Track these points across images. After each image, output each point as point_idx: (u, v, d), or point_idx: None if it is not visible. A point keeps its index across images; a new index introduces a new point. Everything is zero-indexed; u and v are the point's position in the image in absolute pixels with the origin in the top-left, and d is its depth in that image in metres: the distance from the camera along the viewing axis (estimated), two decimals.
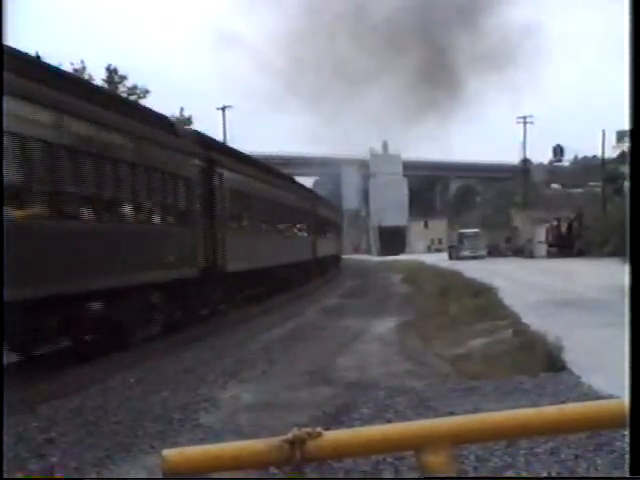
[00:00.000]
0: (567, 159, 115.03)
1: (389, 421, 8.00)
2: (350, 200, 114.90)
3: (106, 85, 48.67)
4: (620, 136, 64.53)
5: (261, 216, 27.55)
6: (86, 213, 13.97)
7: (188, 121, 53.07)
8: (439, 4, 44.08)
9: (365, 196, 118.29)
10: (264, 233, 28.04)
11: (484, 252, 66.71)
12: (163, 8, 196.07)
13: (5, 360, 11.57)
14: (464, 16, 43.77)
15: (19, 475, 7.11)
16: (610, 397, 6.56)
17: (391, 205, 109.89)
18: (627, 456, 2.39)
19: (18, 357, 13.55)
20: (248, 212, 25.69)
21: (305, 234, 39.09)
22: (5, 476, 4.95)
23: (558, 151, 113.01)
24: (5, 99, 9.57)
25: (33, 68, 13.27)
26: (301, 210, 37.95)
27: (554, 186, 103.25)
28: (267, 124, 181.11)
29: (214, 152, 22.18)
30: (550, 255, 59.33)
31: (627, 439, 2.34)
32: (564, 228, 61.48)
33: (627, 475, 2.38)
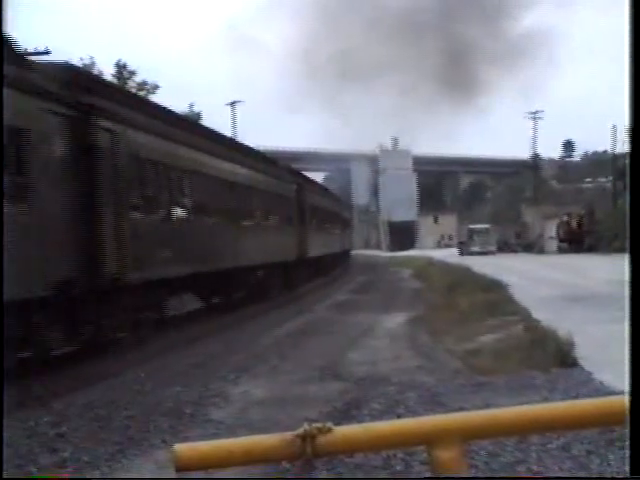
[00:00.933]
0: (577, 154, 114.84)
1: (399, 416, 8.00)
2: (360, 195, 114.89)
3: (116, 80, 48.73)
4: None
5: (321, 220, 39.26)
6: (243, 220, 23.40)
7: (198, 117, 53.04)
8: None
9: (375, 191, 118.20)
10: (323, 231, 39.72)
11: (494, 248, 66.61)
12: (172, 3, 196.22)
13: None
14: (484, 17, 43.84)
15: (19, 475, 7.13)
16: (622, 393, 6.52)
17: (401, 200, 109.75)
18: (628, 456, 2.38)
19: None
20: (316, 218, 36.94)
21: (337, 231, 48.43)
22: (5, 476, 4.98)
23: (568, 146, 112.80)
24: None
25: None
26: (335, 214, 48.18)
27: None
28: (278, 119, 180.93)
29: (300, 180, 34.81)
30: (560, 250, 59.21)
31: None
32: (574, 223, 61.29)
33: (627, 475, 2.38)
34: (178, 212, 18.70)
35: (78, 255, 13.11)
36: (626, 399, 2.30)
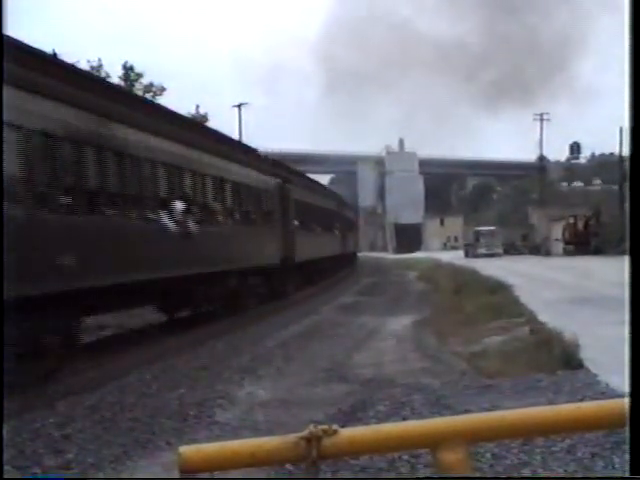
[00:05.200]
0: (584, 156, 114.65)
1: (405, 419, 7.99)
2: (366, 197, 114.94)
3: (122, 82, 48.76)
4: None
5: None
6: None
7: (204, 118, 53.03)
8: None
9: (381, 193, 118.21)
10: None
11: (500, 250, 66.55)
12: (177, 4, 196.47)
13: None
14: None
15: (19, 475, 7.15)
16: (627, 395, 6.51)
17: (407, 202, 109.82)
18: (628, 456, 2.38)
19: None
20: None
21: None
22: (5, 476, 4.99)
23: (575, 148, 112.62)
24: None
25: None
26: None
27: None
28: (284, 121, 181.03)
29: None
30: (567, 253, 59.15)
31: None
32: (581, 226, 61.24)
33: (627, 475, 2.37)
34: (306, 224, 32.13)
35: (281, 248, 26.81)
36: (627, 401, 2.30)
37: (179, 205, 17.57)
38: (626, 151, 66.20)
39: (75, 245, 12.94)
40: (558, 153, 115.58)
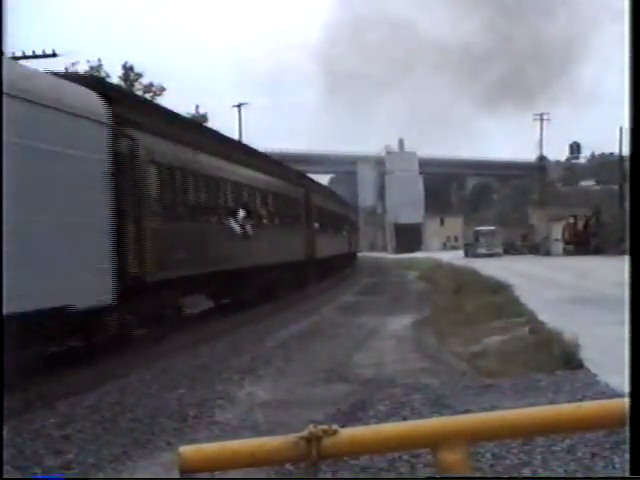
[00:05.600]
0: (584, 156, 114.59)
1: (405, 419, 7.99)
2: (366, 197, 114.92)
3: (122, 83, 48.77)
4: None
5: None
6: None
7: (204, 118, 53.02)
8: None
9: (381, 193, 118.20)
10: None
11: (500, 250, 66.56)
12: (179, 5, 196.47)
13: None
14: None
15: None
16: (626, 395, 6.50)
17: (407, 202, 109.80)
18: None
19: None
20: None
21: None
22: (5, 476, 4.99)
23: (575, 148, 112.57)
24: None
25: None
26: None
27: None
28: (284, 121, 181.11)
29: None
30: (567, 253, 59.15)
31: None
32: (581, 225, 61.25)
33: (627, 475, 2.38)
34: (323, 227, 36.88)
35: (305, 247, 31.50)
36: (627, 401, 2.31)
37: (241, 213, 22.40)
38: (626, 151, 66.21)
39: (182, 244, 17.40)
40: (558, 153, 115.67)
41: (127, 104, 16.62)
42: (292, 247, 29.04)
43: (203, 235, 19.07)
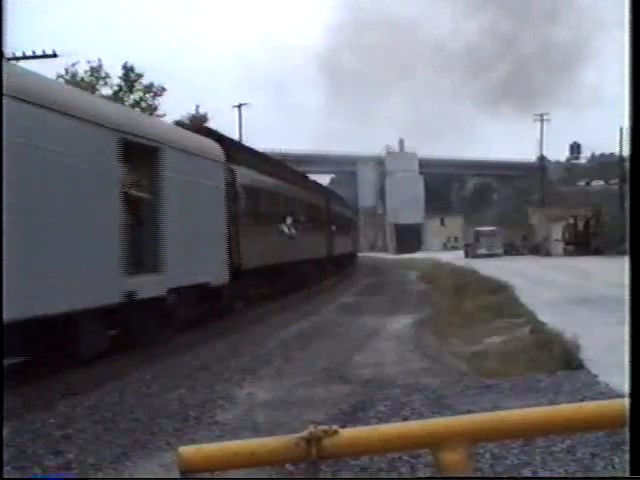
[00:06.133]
0: (584, 156, 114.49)
1: (405, 419, 7.99)
2: (366, 197, 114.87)
3: (123, 83, 48.79)
4: None
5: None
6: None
7: (204, 118, 53.02)
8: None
9: (381, 194, 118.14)
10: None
11: (500, 250, 66.58)
12: (180, 5, 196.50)
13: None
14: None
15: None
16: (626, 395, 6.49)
17: (407, 203, 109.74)
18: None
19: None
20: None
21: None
22: (5, 476, 4.99)
23: (575, 148, 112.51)
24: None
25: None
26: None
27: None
28: (285, 121, 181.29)
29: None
30: (567, 253, 59.14)
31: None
32: (581, 226, 61.24)
33: (627, 475, 2.38)
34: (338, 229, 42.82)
35: (326, 246, 39.04)
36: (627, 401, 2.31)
37: (289, 220, 28.76)
38: (626, 151, 66.09)
39: (260, 243, 23.97)
40: (558, 153, 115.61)
41: (228, 146, 22.39)
42: (317, 246, 36.57)
43: (271, 236, 26.07)
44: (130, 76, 49.70)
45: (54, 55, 32.75)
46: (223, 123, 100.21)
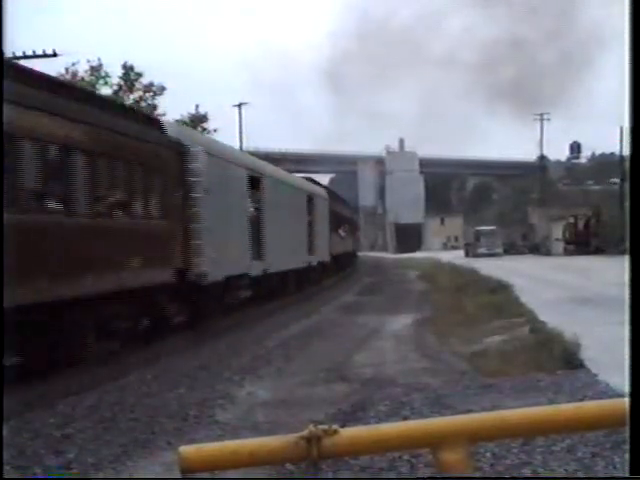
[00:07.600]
0: (584, 156, 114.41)
1: (405, 418, 7.99)
2: (366, 197, 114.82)
3: (122, 82, 48.69)
4: None
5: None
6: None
7: (204, 118, 52.94)
8: None
9: (381, 193, 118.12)
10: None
11: (500, 249, 66.59)
12: (180, 5, 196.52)
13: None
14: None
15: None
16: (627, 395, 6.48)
17: (407, 202, 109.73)
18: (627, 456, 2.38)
19: None
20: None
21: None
22: (5, 476, 4.98)
23: (575, 148, 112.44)
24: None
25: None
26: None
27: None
28: (285, 121, 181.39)
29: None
30: (567, 252, 59.14)
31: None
32: (581, 225, 61.23)
33: (627, 475, 2.37)
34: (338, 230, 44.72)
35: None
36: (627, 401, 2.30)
37: (342, 228, 41.55)
38: (626, 151, 65.97)
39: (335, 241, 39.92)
40: (558, 153, 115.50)
41: (331, 194, 38.78)
42: (347, 244, 47.08)
43: (336, 238, 40.09)
44: (130, 75, 49.60)
45: (54, 55, 32.74)
46: (223, 123, 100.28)
